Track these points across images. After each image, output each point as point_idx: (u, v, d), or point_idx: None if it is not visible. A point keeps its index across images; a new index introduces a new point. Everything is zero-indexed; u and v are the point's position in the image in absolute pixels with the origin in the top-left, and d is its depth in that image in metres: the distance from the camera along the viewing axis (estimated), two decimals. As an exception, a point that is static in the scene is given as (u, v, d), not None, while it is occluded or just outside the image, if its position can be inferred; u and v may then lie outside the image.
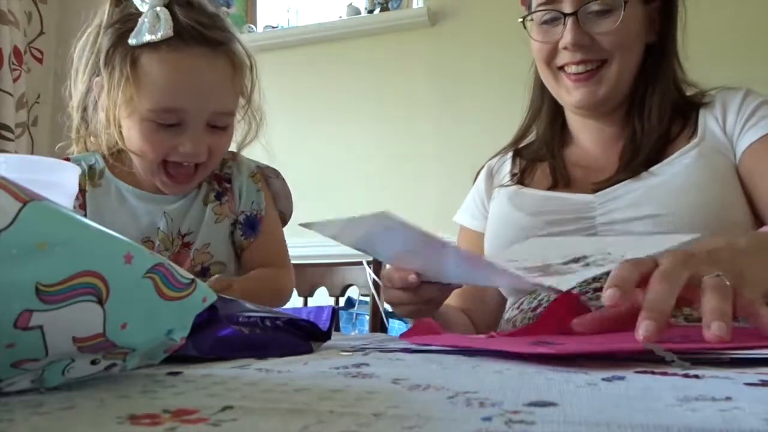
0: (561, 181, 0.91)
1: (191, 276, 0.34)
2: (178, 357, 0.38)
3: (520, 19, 0.89)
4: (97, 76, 0.83)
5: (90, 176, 0.88)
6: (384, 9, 2.37)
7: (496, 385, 0.31)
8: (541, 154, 0.96)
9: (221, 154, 0.88)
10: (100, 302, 0.29)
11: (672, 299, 0.43)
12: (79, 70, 0.85)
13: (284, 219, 1.00)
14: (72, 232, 0.29)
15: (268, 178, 0.97)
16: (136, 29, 0.78)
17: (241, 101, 0.89)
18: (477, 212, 1.01)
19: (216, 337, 0.46)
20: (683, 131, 0.86)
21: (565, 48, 0.84)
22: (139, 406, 0.26)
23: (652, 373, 0.34)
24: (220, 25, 0.82)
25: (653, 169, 0.82)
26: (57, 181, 0.54)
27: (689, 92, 0.90)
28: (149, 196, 0.89)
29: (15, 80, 2.34)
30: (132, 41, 0.78)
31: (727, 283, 0.44)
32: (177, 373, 0.36)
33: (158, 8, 0.77)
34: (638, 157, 0.84)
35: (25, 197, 0.28)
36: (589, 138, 0.93)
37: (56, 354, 0.29)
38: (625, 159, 0.86)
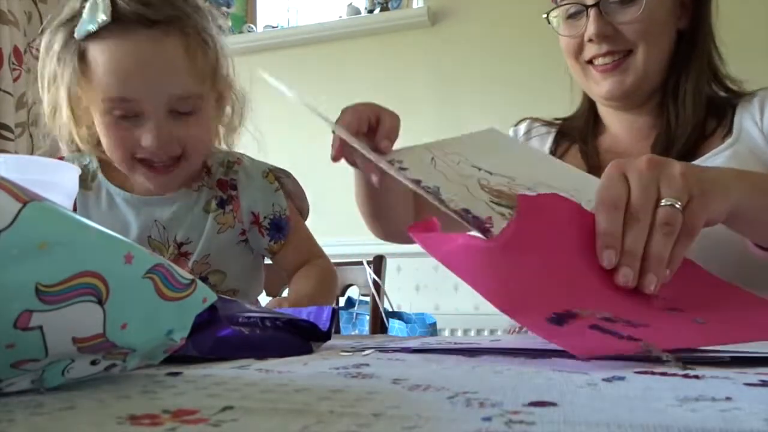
0: (592, 168, 0.90)
1: (191, 276, 0.34)
2: (178, 357, 0.38)
3: (545, 15, 0.88)
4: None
5: (82, 178, 0.82)
6: (384, 9, 2.37)
7: (496, 385, 0.31)
8: (576, 137, 0.96)
9: (202, 144, 0.83)
10: (100, 302, 0.29)
11: (642, 240, 0.48)
12: (45, 74, 0.81)
13: (302, 217, 0.98)
14: (72, 232, 0.29)
15: (279, 178, 0.93)
16: (79, 22, 0.74)
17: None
18: None
19: (216, 337, 0.46)
20: (718, 129, 0.84)
21: (590, 40, 0.83)
22: (139, 406, 0.26)
23: (652, 373, 0.34)
24: (170, 0, 0.77)
25: None
26: (57, 181, 0.54)
27: (731, 88, 0.88)
28: (142, 200, 0.85)
29: (15, 80, 2.34)
30: (76, 35, 0.74)
31: (678, 207, 0.48)
32: (177, 374, 0.36)
33: None
34: (671, 150, 0.83)
35: (25, 197, 0.28)
36: (621, 129, 0.92)
37: (56, 354, 0.29)
38: (658, 151, 0.84)
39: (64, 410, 0.26)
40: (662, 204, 0.48)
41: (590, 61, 0.85)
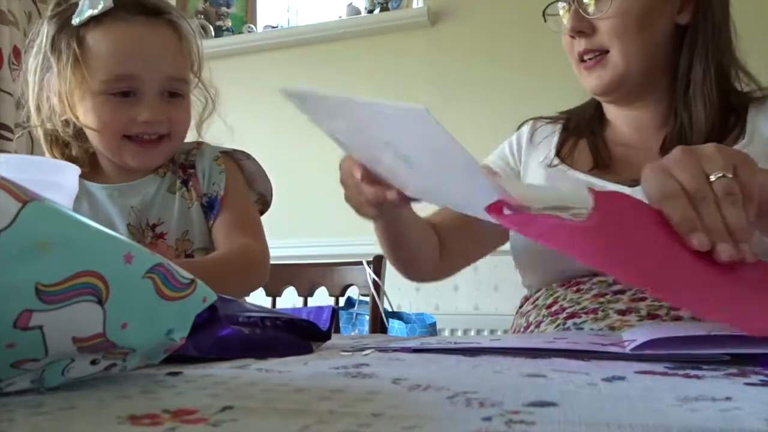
0: (602, 161, 0.89)
1: (191, 276, 0.34)
2: (178, 357, 0.38)
3: (543, 11, 0.89)
4: (47, 72, 0.85)
5: None
6: (384, 9, 2.37)
7: (496, 385, 0.31)
8: (583, 130, 0.95)
9: (184, 127, 0.89)
10: (100, 302, 0.29)
11: (718, 214, 0.48)
12: (29, 75, 0.86)
13: (266, 200, 0.98)
14: (72, 232, 0.29)
15: (240, 161, 0.95)
16: (77, 10, 0.81)
17: (193, 80, 0.91)
18: (504, 156, 1.00)
19: (216, 337, 0.46)
20: (732, 131, 0.83)
21: (572, 36, 0.84)
22: (139, 406, 0.26)
23: (653, 373, 0.34)
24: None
25: None
26: (57, 181, 0.54)
27: (746, 87, 0.86)
28: (116, 188, 0.89)
29: (15, 80, 2.34)
30: (75, 21, 0.80)
31: (729, 176, 0.49)
32: (177, 373, 0.36)
33: None
34: None
35: (25, 197, 0.28)
36: (624, 124, 0.92)
37: (56, 354, 0.29)
38: (669, 149, 0.84)
39: (64, 410, 0.26)
40: (714, 179, 0.49)
41: (581, 58, 0.85)
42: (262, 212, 0.99)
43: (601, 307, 0.75)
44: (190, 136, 0.94)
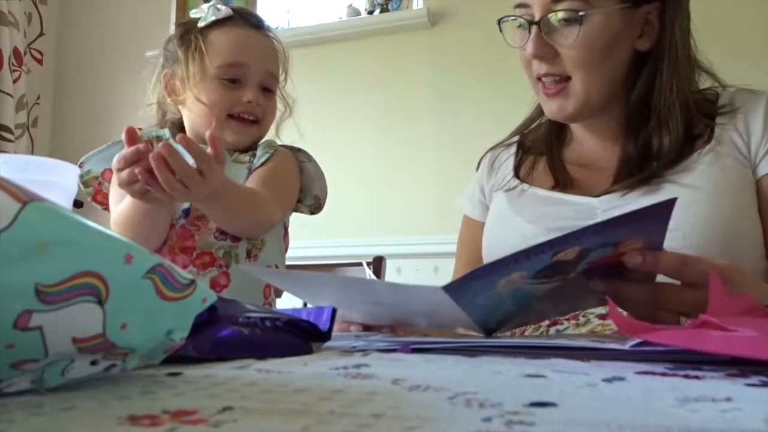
0: (561, 181, 0.90)
1: (191, 276, 0.34)
2: (178, 357, 0.38)
3: (497, 21, 0.88)
4: (165, 69, 1.05)
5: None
6: (384, 10, 2.37)
7: (496, 385, 0.31)
8: (542, 149, 0.95)
9: (271, 119, 1.08)
10: (100, 302, 0.29)
11: None
12: (164, 56, 1.08)
13: (320, 203, 1.11)
14: (72, 233, 0.29)
15: (302, 162, 1.09)
16: (202, 17, 1.03)
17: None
18: (476, 201, 1.01)
19: (216, 338, 0.46)
20: (701, 136, 0.82)
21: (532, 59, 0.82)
22: (139, 407, 0.26)
23: (653, 373, 0.34)
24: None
25: (662, 175, 0.80)
26: (57, 181, 0.54)
27: (704, 84, 0.86)
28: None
29: (15, 81, 2.34)
30: (201, 24, 1.02)
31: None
32: (177, 374, 0.36)
33: (219, 4, 1.04)
34: (644, 168, 0.81)
35: (25, 197, 0.28)
36: (588, 138, 0.92)
37: (56, 354, 0.29)
38: (632, 164, 0.83)
39: (64, 410, 0.26)
40: None
41: (539, 78, 0.84)
42: (314, 212, 1.12)
43: (582, 313, 0.75)
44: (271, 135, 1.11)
